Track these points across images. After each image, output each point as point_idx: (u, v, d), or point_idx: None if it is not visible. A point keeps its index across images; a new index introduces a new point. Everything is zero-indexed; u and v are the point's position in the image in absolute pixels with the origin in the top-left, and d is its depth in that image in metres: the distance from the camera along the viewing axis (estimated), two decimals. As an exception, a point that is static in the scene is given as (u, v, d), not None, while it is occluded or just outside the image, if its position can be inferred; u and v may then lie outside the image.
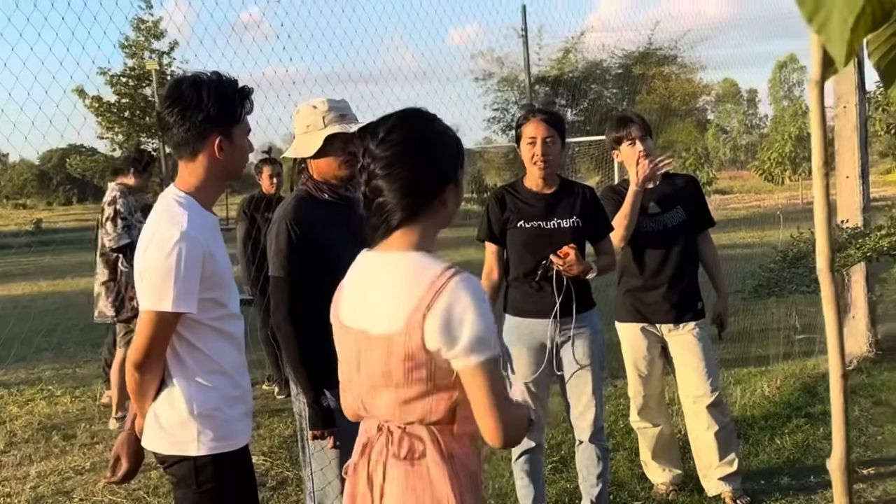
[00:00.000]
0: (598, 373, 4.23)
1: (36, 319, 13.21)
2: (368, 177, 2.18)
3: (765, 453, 5.41)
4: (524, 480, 4.31)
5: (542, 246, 4.15)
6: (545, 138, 4.14)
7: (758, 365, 7.62)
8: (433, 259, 2.15)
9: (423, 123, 2.23)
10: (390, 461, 2.15)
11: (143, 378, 2.69)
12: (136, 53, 30.09)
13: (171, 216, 2.67)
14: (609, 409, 6.38)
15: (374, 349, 2.12)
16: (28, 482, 5.66)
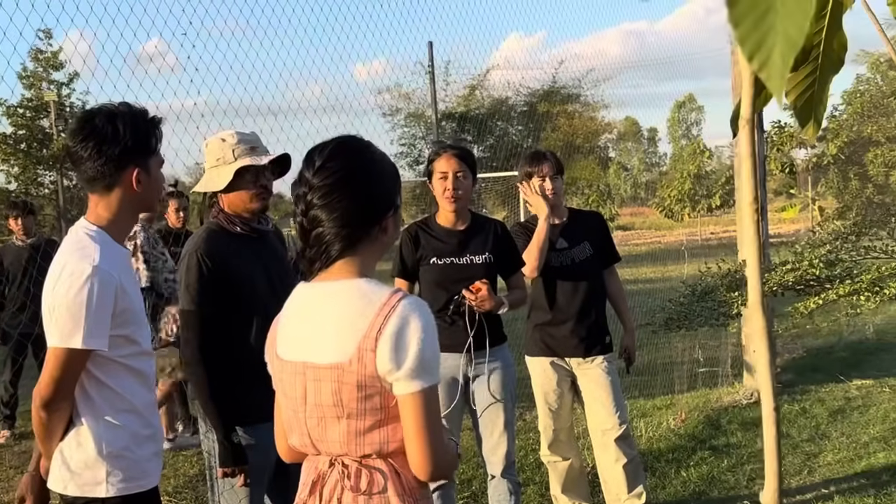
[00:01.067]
0: (510, 407, 4.26)
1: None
2: (306, 207, 2.11)
3: (671, 486, 5.49)
4: (436, 516, 4.29)
5: (456, 282, 4.17)
6: (456, 173, 4.18)
7: (663, 398, 7.77)
8: (379, 284, 2.12)
9: (361, 151, 2.20)
10: (346, 495, 2.08)
11: (51, 417, 2.60)
12: (34, 84, 29.38)
13: (81, 249, 2.59)
14: (519, 444, 6.41)
15: (324, 380, 2.05)
16: (-83, 528, 5.40)
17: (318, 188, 2.10)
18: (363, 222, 2.12)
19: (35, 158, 28.95)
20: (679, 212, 34.69)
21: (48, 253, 7.44)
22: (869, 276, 2.87)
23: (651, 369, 8.72)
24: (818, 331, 11.21)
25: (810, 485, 5.46)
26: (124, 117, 2.64)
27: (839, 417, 6.94)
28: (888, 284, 2.84)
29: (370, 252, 2.16)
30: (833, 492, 5.26)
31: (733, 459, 5.94)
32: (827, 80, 1.43)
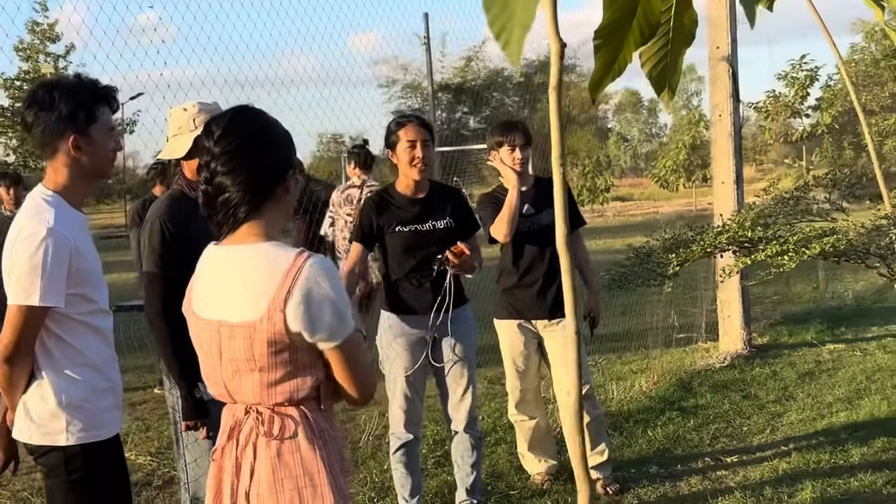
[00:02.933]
0: (472, 365, 4.43)
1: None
2: (210, 175, 2.26)
3: (637, 444, 5.68)
4: (402, 472, 4.47)
5: (420, 247, 4.34)
6: (424, 140, 4.32)
7: (638, 363, 7.95)
8: (284, 247, 2.27)
9: (257, 118, 2.35)
10: (261, 440, 2.25)
11: (13, 371, 2.77)
12: (31, 57, 29.44)
13: (37, 213, 2.75)
14: (494, 406, 6.60)
15: (237, 336, 2.21)
16: None
17: (220, 155, 2.24)
18: (267, 183, 2.27)
19: (32, 131, 29.03)
20: (674, 182, 34.79)
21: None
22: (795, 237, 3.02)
23: (627, 334, 8.91)
24: (799, 297, 11.41)
25: (771, 443, 5.64)
26: (64, 87, 2.81)
27: (807, 380, 7.13)
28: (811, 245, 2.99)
29: (275, 213, 2.32)
30: (792, 449, 5.44)
31: (699, 419, 6.13)
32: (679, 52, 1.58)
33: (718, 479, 5.06)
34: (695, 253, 3.40)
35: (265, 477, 2.24)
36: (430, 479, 5.14)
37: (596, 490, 4.92)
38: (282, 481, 2.24)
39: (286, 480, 2.24)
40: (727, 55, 8.06)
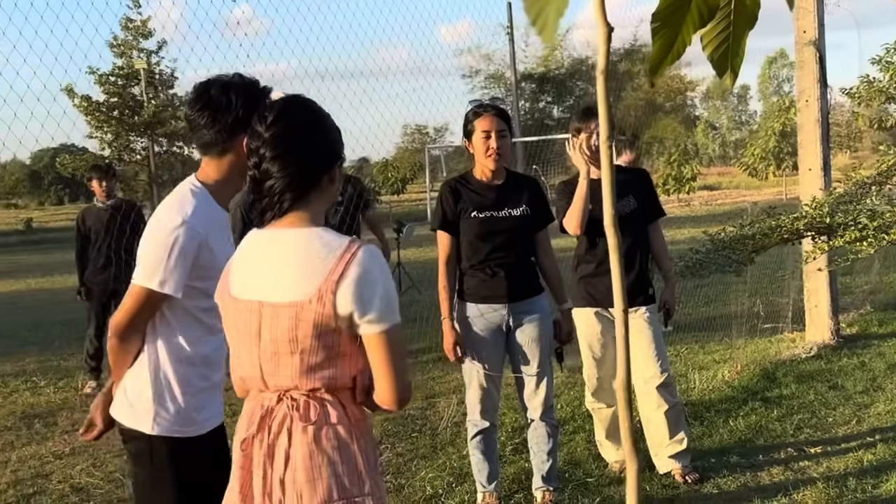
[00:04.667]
0: (547, 354, 4.45)
1: (23, 315, 13.43)
2: (259, 160, 2.29)
3: (717, 434, 5.62)
4: (479, 458, 4.51)
5: (495, 234, 4.37)
6: (499, 131, 4.35)
7: (721, 352, 7.85)
8: (335, 233, 2.30)
9: (308, 107, 2.38)
10: (296, 426, 2.23)
11: (122, 347, 2.83)
12: (125, 53, 30.21)
13: (179, 203, 2.83)
14: (572, 395, 6.60)
15: (281, 317, 2.22)
16: (9, 467, 5.86)
17: (269, 141, 2.28)
18: (313, 173, 2.31)
19: (127, 125, 29.82)
20: (763, 170, 34.03)
21: (127, 214, 7.90)
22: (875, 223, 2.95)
23: (711, 324, 8.80)
24: (890, 286, 11.11)
25: (857, 434, 5.53)
26: (237, 87, 2.85)
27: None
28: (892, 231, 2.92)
29: (319, 202, 2.35)
30: (878, 440, 5.32)
31: (783, 410, 6.03)
32: (741, 34, 1.58)
33: (801, 470, 4.99)
34: (771, 239, 3.36)
35: (301, 463, 2.22)
36: (507, 465, 5.18)
37: (675, 479, 4.89)
38: (319, 467, 2.22)
39: (324, 466, 2.23)
40: (814, 39, 7.89)
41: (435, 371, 7.79)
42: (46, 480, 5.55)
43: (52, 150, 49.80)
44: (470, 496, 4.72)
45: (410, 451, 5.66)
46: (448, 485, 4.98)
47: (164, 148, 30.74)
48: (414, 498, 4.83)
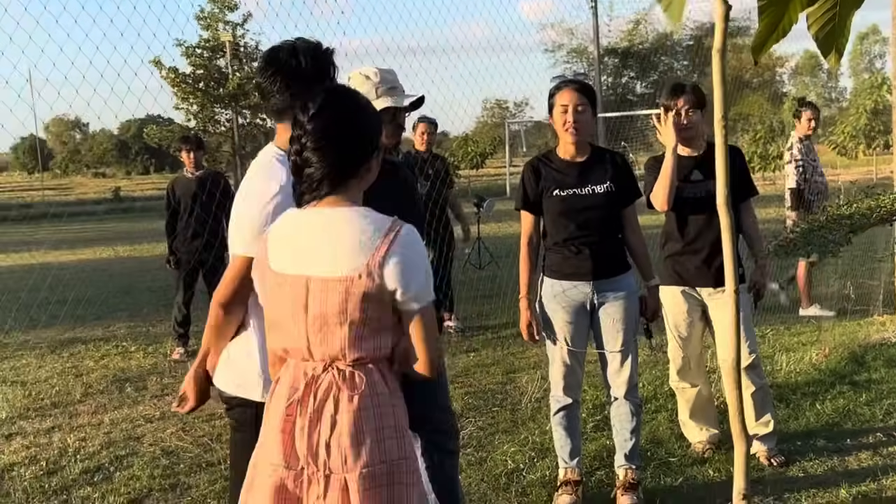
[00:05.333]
0: (632, 332, 4.41)
1: (113, 282, 13.79)
2: (300, 148, 2.44)
3: (804, 417, 5.53)
4: (561, 434, 4.52)
5: (578, 211, 4.33)
6: (577, 105, 4.30)
7: (809, 334, 7.71)
8: (377, 213, 2.44)
9: (349, 101, 2.51)
10: (343, 394, 2.38)
11: (226, 317, 2.91)
12: (211, 25, 30.67)
13: (270, 170, 2.89)
14: (655, 373, 6.55)
15: (331, 291, 2.36)
16: (102, 428, 6.06)
17: (310, 133, 2.41)
18: (351, 165, 2.45)
19: (212, 97, 30.29)
20: (853, 149, 33.09)
21: (216, 184, 8.05)
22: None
23: (800, 304, 8.63)
24: None
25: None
26: (305, 51, 2.91)
27: None
28: None
29: (357, 188, 2.49)
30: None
31: (872, 394, 5.90)
32: (847, 13, 1.54)
33: (890, 455, 4.88)
34: (870, 220, 3.28)
35: (347, 428, 2.36)
36: (589, 442, 5.17)
37: (760, 461, 4.83)
38: (363, 433, 2.37)
39: (368, 432, 2.37)
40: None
41: (515, 347, 7.80)
42: (138, 443, 5.72)
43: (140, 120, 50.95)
44: (551, 472, 4.74)
45: (491, 426, 5.69)
46: (529, 459, 5.00)
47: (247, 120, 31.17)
48: (495, 471, 4.86)
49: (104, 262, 17.32)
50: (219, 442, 5.58)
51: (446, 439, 3.81)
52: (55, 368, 7.97)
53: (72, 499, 4.80)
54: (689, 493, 4.48)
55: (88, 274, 14.39)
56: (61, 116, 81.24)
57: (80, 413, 6.49)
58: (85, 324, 10.15)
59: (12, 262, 17.30)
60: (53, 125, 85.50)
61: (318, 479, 2.39)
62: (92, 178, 70.46)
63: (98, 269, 15.85)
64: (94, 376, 7.61)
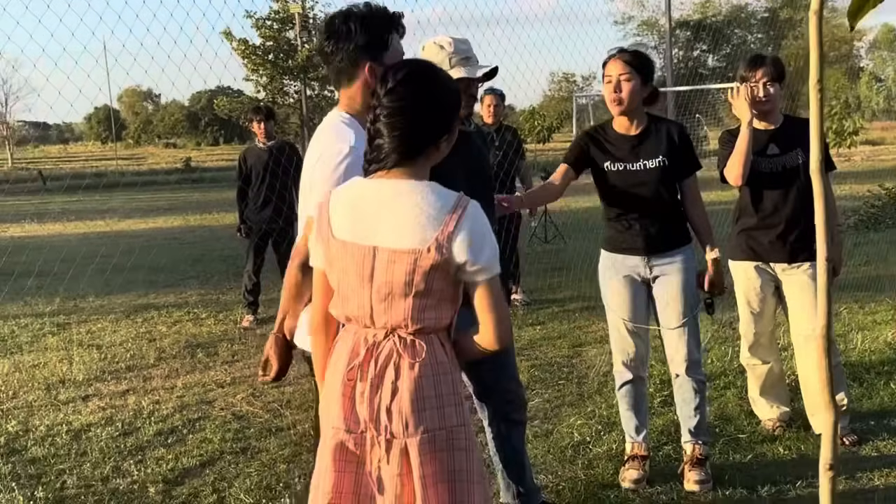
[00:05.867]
0: (690, 307, 4.34)
1: (184, 250, 14.04)
2: (374, 119, 2.47)
3: (878, 396, 5.42)
4: (625, 409, 4.49)
5: (629, 187, 4.27)
6: (621, 75, 4.20)
7: (885, 313, 7.54)
8: (444, 188, 2.46)
9: (428, 79, 2.51)
10: (404, 362, 2.43)
11: (304, 279, 2.93)
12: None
13: (337, 133, 2.92)
14: (724, 350, 6.48)
15: (399, 262, 2.39)
16: (175, 392, 6.19)
17: (384, 107, 2.44)
18: (419, 143, 2.46)
19: (281, 69, 30.45)
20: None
21: (287, 154, 8.13)
22: None
23: (873, 283, 8.45)
24: None
25: None
26: (358, 17, 2.93)
27: None
28: None
29: (424, 164, 2.51)
30: None
31: (949, 376, 5.77)
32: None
33: (968, 439, 4.77)
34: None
35: (407, 395, 2.41)
36: (656, 417, 5.15)
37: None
38: (423, 399, 2.42)
39: (427, 399, 2.42)
40: None
41: (581, 320, 7.76)
42: (209, 407, 5.84)
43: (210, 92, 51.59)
44: (618, 445, 4.72)
45: (557, 398, 5.69)
46: (596, 433, 4.99)
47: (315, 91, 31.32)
48: (561, 444, 4.86)
49: (176, 230, 17.64)
50: (288, 408, 5.67)
51: (513, 410, 3.82)
52: (129, 333, 8.17)
53: (146, 459, 4.92)
54: (759, 471, 4.43)
55: (160, 242, 14.67)
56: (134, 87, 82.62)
57: (154, 377, 6.65)
58: (158, 290, 10.37)
59: (87, 229, 17.70)
60: (126, 96, 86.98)
61: (380, 443, 2.44)
62: (163, 148, 71.60)
63: (170, 237, 16.14)
64: (167, 341, 7.77)
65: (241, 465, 4.78)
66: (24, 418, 5.70)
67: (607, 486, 4.32)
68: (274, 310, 8.59)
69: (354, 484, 2.50)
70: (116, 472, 4.75)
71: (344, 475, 2.50)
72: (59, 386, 6.46)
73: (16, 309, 9.51)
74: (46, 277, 11.03)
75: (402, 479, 2.43)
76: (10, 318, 9.01)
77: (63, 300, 9.84)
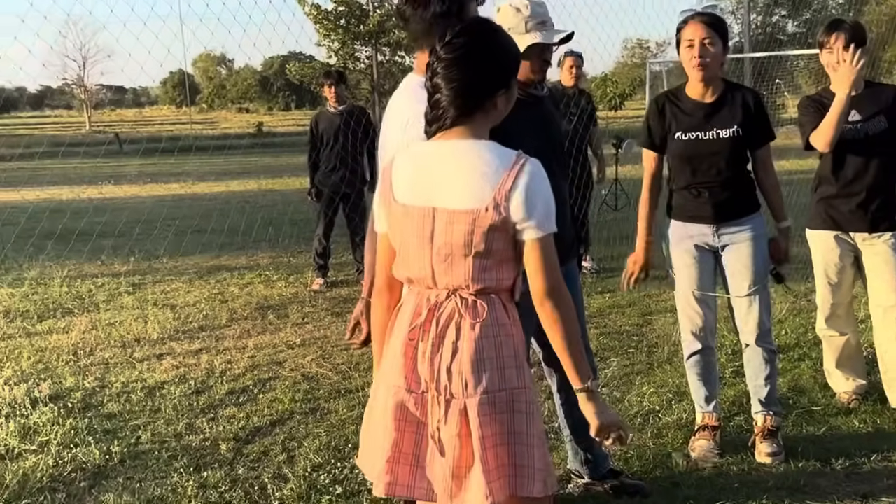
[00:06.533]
0: (760, 276, 4.24)
1: (255, 213, 14.19)
2: (432, 74, 2.48)
3: (959, 372, 5.26)
4: (695, 379, 4.42)
5: (701, 156, 4.17)
6: (703, 40, 4.07)
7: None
8: (502, 147, 2.44)
9: (485, 33, 2.50)
10: (465, 322, 2.43)
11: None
12: (353, -38, 30.71)
13: (415, 95, 2.90)
14: (798, 321, 6.36)
15: (458, 223, 2.39)
16: (246, 352, 6.29)
17: (442, 60, 2.46)
18: (476, 95, 2.44)
19: (353, 34, 30.47)
20: None
21: (358, 119, 8.13)
22: None
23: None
24: None
25: None
26: None
27: None
28: None
29: (484, 121, 2.49)
30: None
31: None
32: None
33: None
34: None
35: (468, 356, 2.41)
36: (727, 387, 5.08)
37: (908, 415, 4.65)
38: (483, 360, 2.41)
39: (488, 360, 2.42)
40: None
41: (651, 288, 7.67)
42: (280, 368, 5.92)
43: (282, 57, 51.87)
44: (688, 415, 4.67)
45: (627, 367, 5.64)
46: (666, 402, 4.94)
47: (386, 57, 31.30)
48: (631, 412, 4.83)
49: (248, 194, 17.86)
50: (357, 370, 5.71)
51: (583, 377, 3.78)
52: (202, 294, 8.31)
53: (218, 417, 5.01)
54: (833, 444, 4.34)
55: (233, 205, 14.85)
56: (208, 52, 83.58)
57: (226, 337, 6.76)
58: (230, 252, 10.53)
59: (162, 191, 18.01)
60: (201, 61, 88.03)
61: (440, 403, 2.45)
62: (236, 112, 72.48)
63: (242, 200, 16.34)
64: (239, 303, 7.89)
65: (310, 426, 4.84)
66: (101, 375, 5.85)
67: (677, 456, 4.27)
68: (344, 273, 8.72)
69: (414, 444, 2.51)
70: (189, 429, 4.84)
71: (404, 434, 2.51)
72: (134, 344, 6.61)
73: (94, 268, 9.73)
74: (123, 238, 11.28)
75: (461, 440, 2.43)
76: (88, 278, 9.22)
77: (138, 260, 10.04)
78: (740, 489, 3.91)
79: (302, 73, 31.40)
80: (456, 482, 2.44)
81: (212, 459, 4.42)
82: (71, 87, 73.40)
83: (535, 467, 2.44)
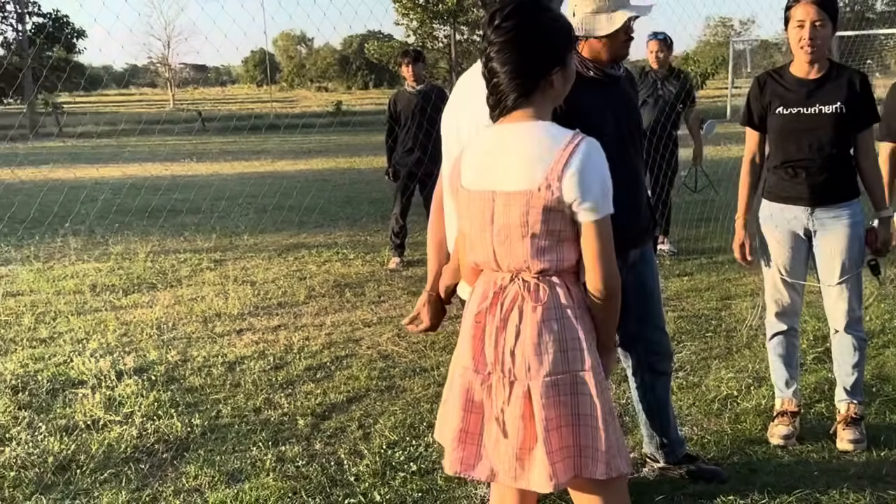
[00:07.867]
0: (854, 264, 4.13)
1: (333, 192, 14.35)
2: (486, 59, 2.51)
3: None
4: (776, 361, 4.35)
5: (802, 132, 4.07)
6: (814, 21, 3.98)
7: None
8: (559, 126, 2.44)
9: (533, 13, 2.49)
10: (527, 305, 2.44)
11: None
12: (432, -59, 30.69)
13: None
14: (884, 307, 6.21)
15: (513, 204, 2.41)
16: (323, 329, 6.37)
17: (494, 43, 2.48)
18: (531, 76, 2.45)
19: (431, 13, 30.53)
20: None
21: (436, 98, 8.12)
22: None
23: None
24: None
25: None
26: None
27: None
28: None
29: (542, 101, 2.49)
30: None
31: None
32: None
33: None
34: None
35: (530, 339, 2.43)
36: (808, 374, 4.98)
37: None
38: (546, 343, 2.42)
39: (550, 343, 2.42)
40: None
41: (731, 272, 7.57)
42: (356, 345, 5.98)
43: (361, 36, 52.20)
44: (767, 401, 4.60)
45: (704, 351, 5.58)
46: (745, 387, 4.87)
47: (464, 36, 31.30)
48: (708, 397, 4.77)
49: (326, 172, 18.03)
50: (432, 349, 5.75)
51: (658, 361, 3.76)
52: (281, 271, 8.44)
53: (296, 392, 5.09)
54: (918, 434, 4.24)
55: (311, 183, 15.03)
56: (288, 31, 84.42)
57: (304, 314, 6.86)
58: (308, 230, 10.66)
59: (243, 169, 18.31)
60: (281, 40, 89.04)
61: (504, 385, 2.47)
62: (315, 91, 73.15)
63: (320, 179, 16.51)
64: (317, 280, 7.99)
65: (385, 403, 4.89)
66: (183, 349, 5.99)
67: (755, 442, 4.22)
68: (420, 252, 8.77)
69: (480, 424, 2.55)
70: (268, 403, 4.94)
71: (470, 415, 2.55)
72: (215, 319, 6.75)
73: (176, 244, 9.95)
74: (205, 215, 11.51)
75: (524, 422, 2.45)
76: (171, 253, 9.44)
77: (219, 237, 10.23)
78: (820, 477, 3.85)
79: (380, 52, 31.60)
80: (519, 463, 2.47)
81: (289, 434, 4.50)
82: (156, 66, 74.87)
83: (599, 449, 2.44)
